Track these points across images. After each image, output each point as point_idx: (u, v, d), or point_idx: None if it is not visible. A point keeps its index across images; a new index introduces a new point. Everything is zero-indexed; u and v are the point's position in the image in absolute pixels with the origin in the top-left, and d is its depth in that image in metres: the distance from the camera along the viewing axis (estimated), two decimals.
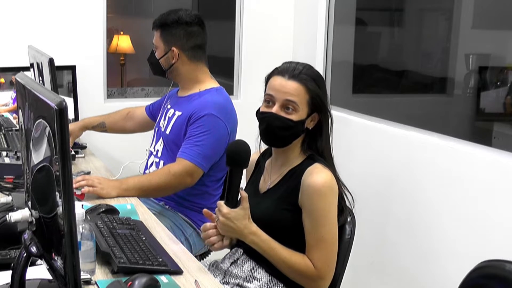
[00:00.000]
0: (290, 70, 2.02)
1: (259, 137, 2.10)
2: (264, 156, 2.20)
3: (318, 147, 2.05)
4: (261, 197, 2.10)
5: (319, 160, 2.02)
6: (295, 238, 1.99)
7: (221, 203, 1.95)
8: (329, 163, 2.04)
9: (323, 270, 1.97)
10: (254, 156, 2.24)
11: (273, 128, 2.02)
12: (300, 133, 2.03)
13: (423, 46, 4.06)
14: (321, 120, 2.04)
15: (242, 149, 1.98)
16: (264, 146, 2.17)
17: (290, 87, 2.00)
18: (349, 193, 2.06)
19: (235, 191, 1.95)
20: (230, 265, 2.08)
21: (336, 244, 2.00)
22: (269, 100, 2.04)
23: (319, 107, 2.03)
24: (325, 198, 1.96)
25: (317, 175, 1.96)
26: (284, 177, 2.06)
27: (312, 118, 2.03)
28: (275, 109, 2.01)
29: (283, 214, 2.01)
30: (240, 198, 1.96)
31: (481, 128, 3.55)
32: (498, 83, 3.52)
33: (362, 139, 3.23)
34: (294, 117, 2.00)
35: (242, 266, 2.06)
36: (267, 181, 2.12)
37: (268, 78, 2.07)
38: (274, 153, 2.13)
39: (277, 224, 2.01)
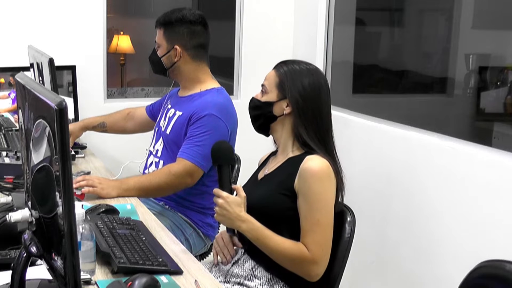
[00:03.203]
0: (279, 63, 2.15)
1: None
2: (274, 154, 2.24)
3: (301, 135, 2.06)
4: (258, 184, 2.15)
5: (317, 153, 2.04)
6: (289, 224, 2.01)
7: (218, 189, 2.01)
8: (324, 153, 2.05)
9: (317, 254, 1.96)
10: (264, 156, 2.31)
11: (248, 109, 2.18)
12: (269, 114, 2.10)
13: (423, 46, 4.06)
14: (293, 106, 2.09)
15: (223, 146, 2.12)
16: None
17: (268, 74, 2.15)
18: (341, 177, 2.07)
19: (228, 186, 2.01)
20: (232, 265, 2.09)
21: (331, 230, 2.00)
22: None
23: (285, 90, 2.08)
24: (321, 182, 1.98)
25: (314, 161, 2.00)
26: (282, 164, 2.10)
27: (287, 103, 2.08)
28: (255, 94, 2.17)
29: (279, 199, 2.03)
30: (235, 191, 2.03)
31: (481, 128, 3.55)
32: (498, 83, 3.51)
33: (362, 139, 3.23)
34: (263, 98, 2.13)
35: (243, 265, 2.07)
36: (265, 170, 2.17)
37: None
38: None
39: (272, 208, 2.03)
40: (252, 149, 2.34)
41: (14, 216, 1.49)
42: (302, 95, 2.07)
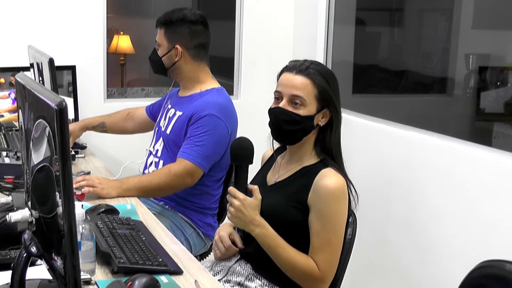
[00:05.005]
0: (297, 65, 2.02)
1: (271, 135, 2.10)
2: (278, 152, 2.19)
3: (326, 145, 2.03)
4: (268, 190, 2.08)
5: (332, 166, 2.01)
6: (297, 236, 1.99)
7: (235, 189, 1.94)
8: (339, 165, 2.03)
9: (326, 273, 1.96)
10: (268, 152, 2.25)
11: (279, 122, 2.01)
12: (309, 128, 2.01)
13: (423, 46, 4.06)
14: (332, 116, 2.03)
15: (246, 145, 1.98)
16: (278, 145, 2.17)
17: (296, 82, 1.99)
18: (356, 192, 2.05)
19: (243, 186, 1.95)
20: (234, 263, 2.09)
21: (341, 249, 2.00)
22: (278, 97, 2.04)
23: (328, 102, 2.01)
24: (338, 201, 1.95)
25: (331, 178, 1.95)
26: (295, 174, 2.05)
27: (323, 114, 2.02)
28: (282, 103, 2.01)
29: (290, 211, 2.00)
30: (250, 191, 1.96)
31: (481, 128, 3.55)
32: (498, 83, 3.51)
33: (362, 139, 3.23)
34: (301, 112, 1.98)
35: (246, 264, 2.07)
36: (275, 175, 2.11)
37: (278, 76, 2.07)
38: (288, 149, 2.12)
39: (282, 219, 1.99)
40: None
41: (14, 216, 1.49)
42: (340, 106, 2.04)
